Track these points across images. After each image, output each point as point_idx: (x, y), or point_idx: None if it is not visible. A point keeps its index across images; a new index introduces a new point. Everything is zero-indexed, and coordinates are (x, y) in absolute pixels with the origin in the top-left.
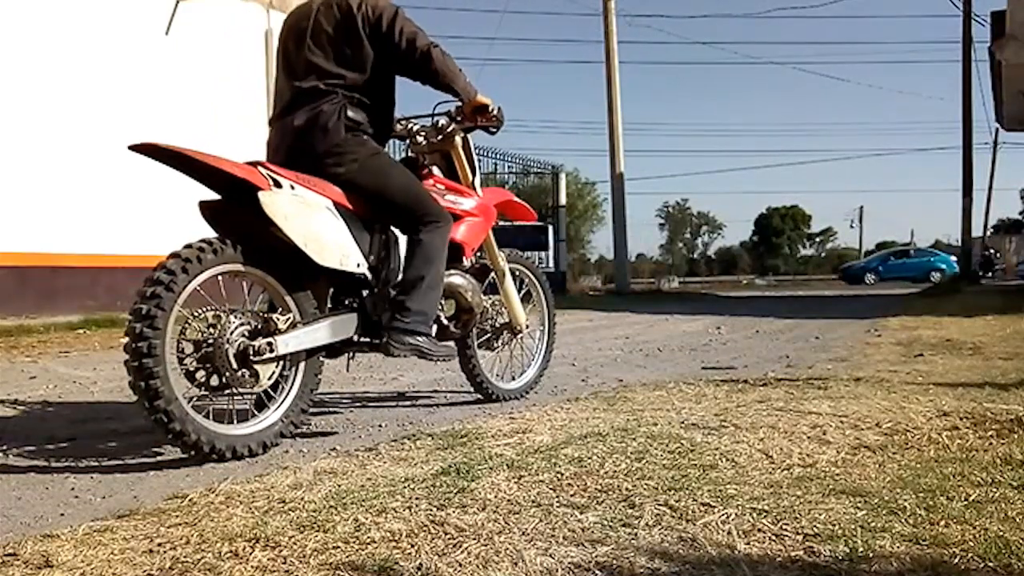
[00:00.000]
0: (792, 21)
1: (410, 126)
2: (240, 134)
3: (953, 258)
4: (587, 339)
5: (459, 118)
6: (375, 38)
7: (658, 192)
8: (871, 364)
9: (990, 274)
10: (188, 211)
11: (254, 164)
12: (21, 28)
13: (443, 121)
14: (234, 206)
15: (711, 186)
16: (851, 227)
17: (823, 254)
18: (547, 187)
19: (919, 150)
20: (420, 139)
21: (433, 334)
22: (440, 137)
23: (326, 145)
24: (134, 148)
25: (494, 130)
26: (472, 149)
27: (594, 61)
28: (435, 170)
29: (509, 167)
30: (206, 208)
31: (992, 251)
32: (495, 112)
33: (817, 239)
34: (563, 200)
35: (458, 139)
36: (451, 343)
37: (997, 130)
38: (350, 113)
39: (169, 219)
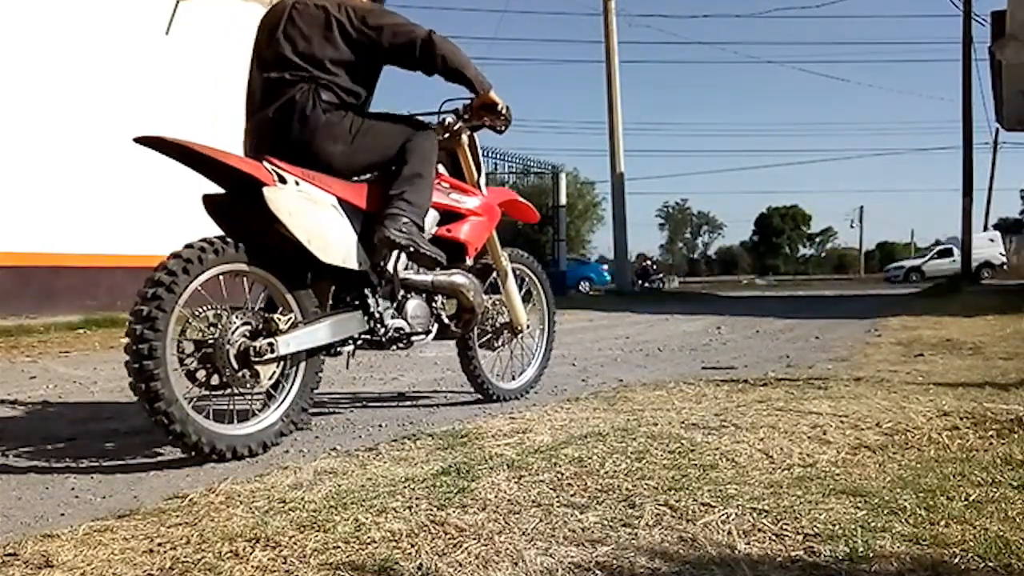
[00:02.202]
0: (792, 21)
1: None
2: (240, 134)
3: (604, 267)
4: (587, 339)
5: (466, 116)
6: (362, 39)
7: (658, 192)
8: (871, 364)
9: (647, 284)
10: (188, 211)
11: (259, 159)
12: (21, 28)
13: (450, 119)
14: (238, 201)
15: (711, 186)
16: (851, 227)
17: (823, 254)
18: (547, 187)
19: (919, 150)
20: None
21: (425, 244)
22: (447, 135)
23: (308, 129)
24: (139, 141)
25: (502, 129)
26: (478, 148)
27: (594, 61)
28: (440, 168)
29: (509, 167)
30: (210, 202)
31: (650, 262)
32: (503, 111)
33: (817, 239)
34: (563, 200)
35: (464, 138)
36: (440, 251)
37: (997, 130)
38: (324, 96)
39: (169, 219)
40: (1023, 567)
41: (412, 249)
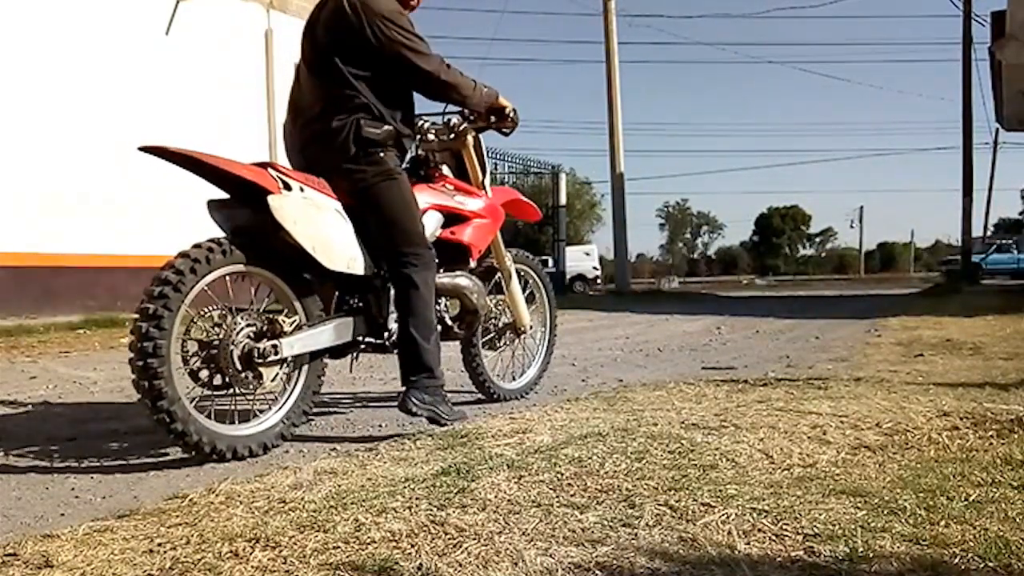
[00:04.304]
0: (792, 21)
1: (421, 123)
2: (239, 133)
3: None
4: (587, 339)
5: (472, 117)
6: (382, 50)
7: (658, 192)
8: (871, 364)
9: None
10: (189, 211)
11: (264, 165)
12: (22, 28)
13: (455, 120)
14: (242, 207)
15: (711, 186)
16: (851, 227)
17: (823, 254)
18: (547, 187)
19: (919, 150)
20: (431, 137)
21: (443, 382)
22: (452, 136)
23: (337, 164)
24: (144, 150)
25: (508, 131)
26: (483, 149)
27: (594, 61)
28: (445, 169)
29: (509, 167)
30: (214, 207)
31: None
32: (511, 114)
33: (817, 239)
34: (563, 200)
35: (470, 138)
36: (463, 409)
37: (997, 130)
38: (366, 129)
39: (169, 219)
40: (1023, 567)
41: (430, 421)
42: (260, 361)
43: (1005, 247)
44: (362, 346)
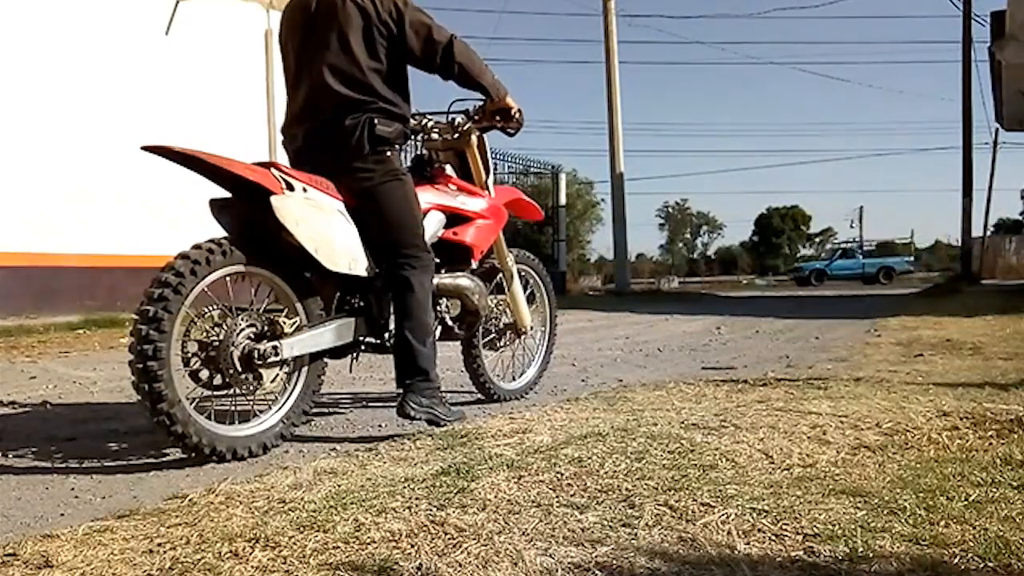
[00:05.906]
0: (792, 21)
1: (425, 122)
2: (239, 133)
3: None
4: (587, 339)
5: (477, 117)
6: (389, 34)
7: (658, 192)
8: (871, 364)
9: None
10: (188, 211)
11: (267, 165)
12: (21, 28)
13: (459, 119)
14: (244, 206)
15: (711, 186)
16: (851, 227)
17: (823, 254)
18: (547, 187)
19: (919, 150)
20: (435, 136)
21: (439, 384)
22: (456, 135)
23: (346, 163)
24: (147, 149)
25: (513, 132)
26: (487, 149)
27: (594, 61)
28: (448, 168)
29: (509, 167)
30: (216, 206)
31: None
32: (516, 115)
33: (817, 239)
34: (563, 200)
35: (474, 138)
36: (463, 409)
37: (997, 130)
38: (378, 128)
39: (170, 219)
40: (1023, 567)
41: (429, 423)
42: (260, 362)
43: (850, 253)
44: (362, 347)
